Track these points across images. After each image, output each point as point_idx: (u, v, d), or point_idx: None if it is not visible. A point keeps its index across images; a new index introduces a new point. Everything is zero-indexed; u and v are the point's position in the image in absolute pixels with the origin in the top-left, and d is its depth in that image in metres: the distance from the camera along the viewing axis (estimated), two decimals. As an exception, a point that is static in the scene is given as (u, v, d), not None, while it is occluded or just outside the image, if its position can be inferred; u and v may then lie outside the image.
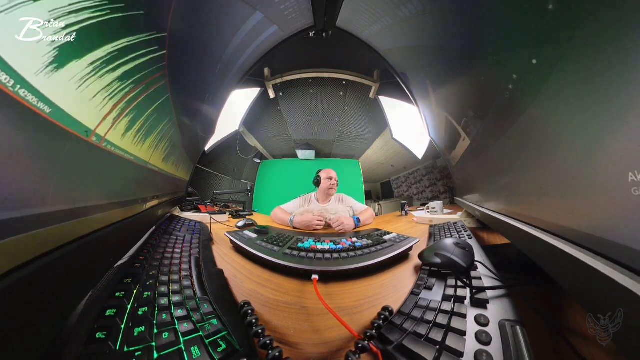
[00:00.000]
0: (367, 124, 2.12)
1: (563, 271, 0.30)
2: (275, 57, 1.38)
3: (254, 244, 0.67)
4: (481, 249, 0.58)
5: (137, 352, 0.26)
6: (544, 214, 0.37)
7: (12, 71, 0.20)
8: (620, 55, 0.21)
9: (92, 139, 0.32)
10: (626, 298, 0.20)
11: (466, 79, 0.61)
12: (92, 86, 0.30)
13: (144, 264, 0.46)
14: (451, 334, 0.30)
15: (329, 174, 1.44)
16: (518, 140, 0.43)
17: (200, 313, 0.35)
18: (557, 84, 0.30)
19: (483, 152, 0.64)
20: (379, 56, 1.19)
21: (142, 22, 0.38)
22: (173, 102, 0.60)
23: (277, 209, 1.33)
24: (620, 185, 0.22)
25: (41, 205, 0.24)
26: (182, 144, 0.82)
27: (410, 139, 1.99)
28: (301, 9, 0.96)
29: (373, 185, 2.97)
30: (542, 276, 0.35)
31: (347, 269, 0.53)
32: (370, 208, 1.42)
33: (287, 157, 2.49)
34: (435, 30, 0.64)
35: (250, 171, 2.48)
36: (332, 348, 0.34)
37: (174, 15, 0.47)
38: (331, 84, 1.78)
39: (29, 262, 0.22)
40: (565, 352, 0.32)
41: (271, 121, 2.11)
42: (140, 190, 0.55)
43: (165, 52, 0.48)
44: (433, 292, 0.42)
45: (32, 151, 0.23)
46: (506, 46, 0.40)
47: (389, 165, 2.64)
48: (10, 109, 0.20)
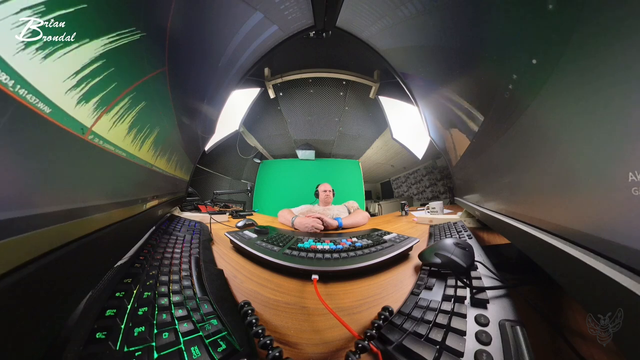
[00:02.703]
0: (367, 124, 2.12)
1: (563, 271, 0.30)
2: (275, 57, 1.38)
3: (254, 244, 0.67)
4: (481, 249, 0.58)
5: (137, 352, 0.26)
6: (544, 214, 0.37)
7: (11, 70, 0.20)
8: (620, 55, 0.21)
9: (91, 138, 0.32)
10: (626, 298, 0.20)
11: (466, 79, 0.61)
12: (90, 84, 0.30)
13: (144, 264, 0.46)
14: (451, 334, 0.30)
15: (324, 187, 1.73)
16: (518, 140, 0.43)
17: (200, 313, 0.35)
18: (557, 84, 0.30)
19: (483, 152, 0.64)
20: (379, 56, 1.19)
21: (142, 21, 0.38)
22: (173, 102, 0.60)
23: (284, 210, 1.37)
24: (620, 185, 0.22)
25: (41, 205, 0.24)
26: (182, 144, 0.82)
27: (410, 139, 1.99)
28: (301, 9, 0.96)
29: (373, 185, 2.97)
30: (542, 276, 0.35)
31: (347, 269, 0.53)
32: (364, 211, 1.53)
33: (287, 157, 2.49)
34: (435, 30, 0.64)
35: (250, 171, 2.48)
36: (332, 348, 0.34)
37: (174, 15, 0.47)
38: (331, 84, 1.77)
39: (29, 262, 0.22)
40: (565, 352, 0.32)
41: (271, 121, 2.11)
42: (140, 190, 0.55)
43: (166, 52, 0.48)
44: (433, 292, 0.42)
45: (32, 151, 0.23)
46: (506, 46, 0.40)
47: (389, 165, 2.64)
48: (9, 108, 0.20)
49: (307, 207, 1.58)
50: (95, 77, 0.31)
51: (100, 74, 0.31)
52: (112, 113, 0.36)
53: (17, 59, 0.21)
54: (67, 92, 0.27)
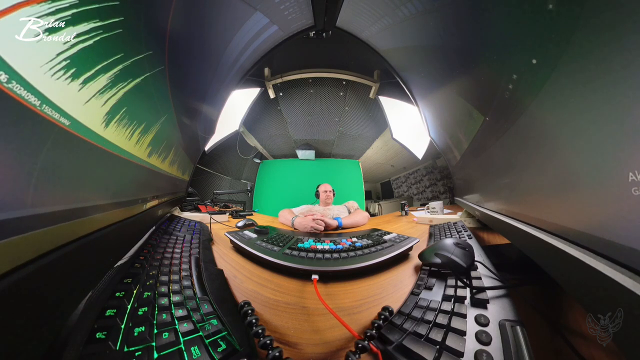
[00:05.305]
0: (367, 124, 2.12)
1: (563, 271, 0.30)
2: (275, 57, 1.38)
3: (254, 244, 0.67)
4: (481, 249, 0.58)
5: (137, 352, 0.26)
6: (544, 214, 0.37)
7: (10, 69, 0.20)
8: (620, 54, 0.21)
9: (92, 139, 0.32)
10: (626, 298, 0.20)
11: (466, 79, 0.61)
12: (89, 83, 0.30)
13: (144, 264, 0.46)
14: (451, 334, 0.30)
15: (325, 187, 1.74)
16: (518, 140, 0.43)
17: (200, 313, 0.35)
18: (557, 84, 0.30)
19: (483, 152, 0.64)
20: (379, 56, 1.19)
21: (142, 21, 0.38)
22: (173, 102, 0.60)
23: (284, 210, 1.37)
24: (620, 185, 0.22)
25: (41, 205, 0.24)
26: (182, 143, 0.82)
27: (410, 139, 1.99)
28: (301, 9, 0.96)
29: (373, 185, 2.97)
30: (542, 276, 0.35)
31: (347, 269, 0.53)
32: (364, 211, 1.54)
33: (287, 157, 2.49)
34: (435, 30, 0.64)
35: (250, 171, 2.48)
36: (332, 348, 0.34)
37: (174, 15, 0.47)
38: (331, 84, 1.77)
39: (29, 262, 0.22)
40: (565, 352, 0.32)
41: (271, 121, 2.11)
42: (140, 190, 0.55)
43: (165, 51, 0.48)
44: (433, 292, 0.42)
45: (32, 151, 0.23)
46: (506, 46, 0.40)
47: (389, 165, 2.63)
48: (9, 108, 0.20)
49: (307, 207, 1.59)
50: (95, 76, 0.31)
51: (99, 73, 0.31)
52: (112, 113, 0.36)
53: (17, 60, 0.21)
54: (69, 93, 0.27)
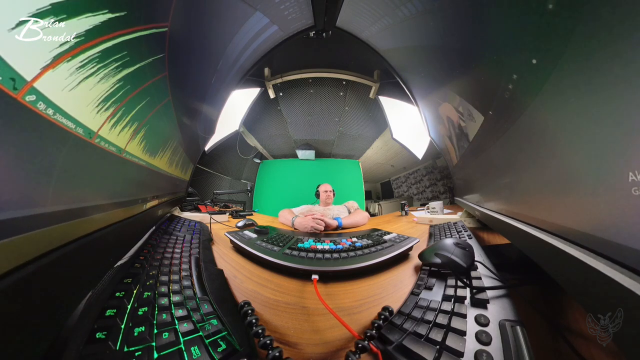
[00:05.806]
0: (367, 124, 2.12)
1: (563, 271, 0.30)
2: (275, 57, 1.38)
3: (254, 244, 0.67)
4: (481, 249, 0.58)
5: (137, 352, 0.26)
6: (544, 214, 0.37)
7: (12, 71, 0.20)
8: (620, 55, 0.21)
9: (95, 140, 0.32)
10: (626, 298, 0.20)
11: (466, 79, 0.61)
12: (94, 87, 0.30)
13: (144, 264, 0.46)
14: (451, 334, 0.30)
15: (325, 187, 1.73)
16: (518, 140, 0.43)
17: (200, 313, 0.35)
18: (557, 84, 0.30)
19: (483, 152, 0.64)
20: (379, 56, 1.19)
21: (142, 20, 0.38)
22: (173, 102, 0.60)
23: (285, 210, 1.37)
24: (620, 185, 0.22)
25: (41, 205, 0.24)
26: (182, 144, 0.82)
27: (410, 139, 1.99)
28: (301, 9, 0.96)
29: (373, 185, 2.97)
30: (542, 276, 0.35)
31: (347, 269, 0.53)
32: (364, 211, 1.54)
33: (287, 157, 2.49)
34: (435, 30, 0.64)
35: (250, 171, 2.48)
36: (332, 348, 0.34)
37: (174, 15, 0.47)
38: (331, 84, 1.77)
39: (29, 262, 0.22)
40: (565, 352, 0.32)
41: (271, 121, 2.11)
42: (140, 190, 0.55)
43: (166, 52, 0.48)
44: (433, 292, 0.42)
45: (33, 151, 0.23)
46: (506, 46, 0.40)
47: (389, 165, 2.63)
48: (10, 109, 0.20)
49: (307, 207, 1.59)
50: (98, 79, 0.31)
51: (103, 76, 0.31)
52: (115, 115, 0.36)
53: (18, 62, 0.21)
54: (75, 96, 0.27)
